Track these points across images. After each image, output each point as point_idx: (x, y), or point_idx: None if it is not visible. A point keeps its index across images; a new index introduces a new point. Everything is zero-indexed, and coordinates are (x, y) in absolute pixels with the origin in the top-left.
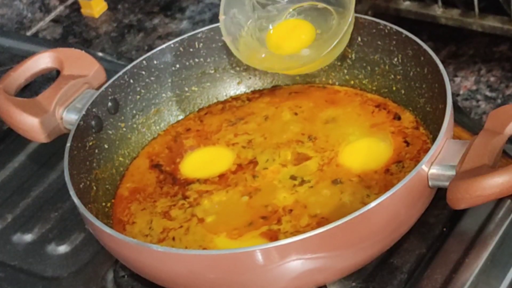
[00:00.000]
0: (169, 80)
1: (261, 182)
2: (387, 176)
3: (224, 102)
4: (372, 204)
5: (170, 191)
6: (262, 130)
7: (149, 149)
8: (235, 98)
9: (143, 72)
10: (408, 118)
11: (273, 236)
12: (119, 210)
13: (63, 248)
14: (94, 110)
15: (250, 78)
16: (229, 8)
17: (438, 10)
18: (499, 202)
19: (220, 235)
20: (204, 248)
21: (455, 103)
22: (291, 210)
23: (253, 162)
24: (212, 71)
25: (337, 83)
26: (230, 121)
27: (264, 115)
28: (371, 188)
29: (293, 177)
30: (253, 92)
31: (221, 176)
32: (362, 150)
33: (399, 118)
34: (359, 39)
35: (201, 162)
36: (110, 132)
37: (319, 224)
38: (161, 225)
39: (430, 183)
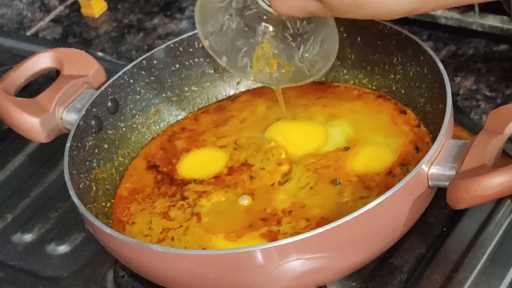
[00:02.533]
0: (169, 80)
1: (259, 184)
2: (389, 177)
3: (221, 101)
4: (372, 204)
5: (168, 191)
6: (256, 128)
7: (146, 150)
8: (235, 97)
9: (143, 72)
10: (409, 115)
11: (273, 237)
12: (119, 210)
13: (63, 248)
14: (94, 110)
15: None
16: (206, 26)
17: (437, 10)
18: (499, 202)
19: (218, 236)
20: (203, 248)
21: (455, 103)
22: (290, 212)
23: (247, 165)
24: (212, 71)
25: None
26: (224, 121)
27: (256, 112)
28: (370, 189)
29: (291, 178)
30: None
31: (217, 177)
32: (367, 155)
33: (404, 113)
34: (359, 39)
35: (197, 163)
36: (110, 132)
37: (319, 225)
38: (160, 225)
39: (430, 183)
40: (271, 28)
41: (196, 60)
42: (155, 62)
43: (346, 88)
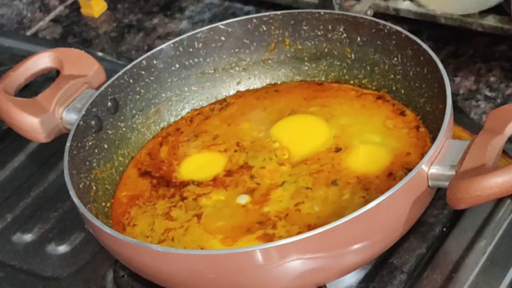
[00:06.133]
0: (169, 80)
1: (260, 183)
2: (390, 180)
3: (216, 102)
4: (372, 204)
5: (166, 193)
6: (258, 128)
7: (137, 157)
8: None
9: (143, 72)
10: (408, 116)
11: (268, 240)
12: (119, 212)
13: (63, 248)
14: (94, 110)
15: (249, 78)
16: None
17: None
18: (499, 202)
19: (216, 237)
20: (202, 249)
21: (455, 103)
22: (286, 215)
23: (247, 167)
24: (212, 71)
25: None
26: (224, 121)
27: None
28: (369, 190)
29: (290, 178)
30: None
31: (216, 179)
32: (360, 155)
33: (403, 114)
34: (359, 39)
35: (196, 165)
36: (110, 132)
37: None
38: (163, 226)
39: (430, 183)
40: None
41: (196, 60)
42: (154, 62)
43: (345, 88)
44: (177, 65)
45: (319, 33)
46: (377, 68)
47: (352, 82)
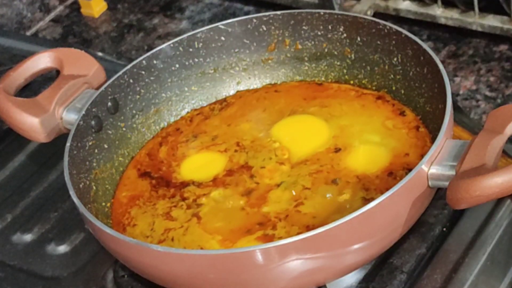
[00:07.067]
0: (169, 80)
1: (259, 182)
2: (390, 180)
3: (216, 102)
4: (372, 204)
5: (166, 193)
6: (258, 128)
7: (137, 157)
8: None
9: (143, 72)
10: (408, 116)
11: (268, 241)
12: (119, 213)
13: (63, 248)
14: (94, 110)
15: (249, 78)
16: None
17: (438, 10)
18: (499, 202)
19: (215, 237)
20: (202, 249)
21: (455, 103)
22: (286, 216)
23: (247, 167)
24: (212, 71)
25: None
26: (225, 122)
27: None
28: (369, 190)
29: (289, 179)
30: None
31: (215, 179)
32: (360, 155)
33: (404, 114)
34: (359, 39)
35: (196, 165)
36: (109, 132)
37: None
38: (163, 226)
39: (430, 183)
40: None
41: (196, 60)
42: (154, 62)
43: (345, 88)
44: (177, 65)
45: (319, 33)
46: (377, 68)
47: (352, 82)
